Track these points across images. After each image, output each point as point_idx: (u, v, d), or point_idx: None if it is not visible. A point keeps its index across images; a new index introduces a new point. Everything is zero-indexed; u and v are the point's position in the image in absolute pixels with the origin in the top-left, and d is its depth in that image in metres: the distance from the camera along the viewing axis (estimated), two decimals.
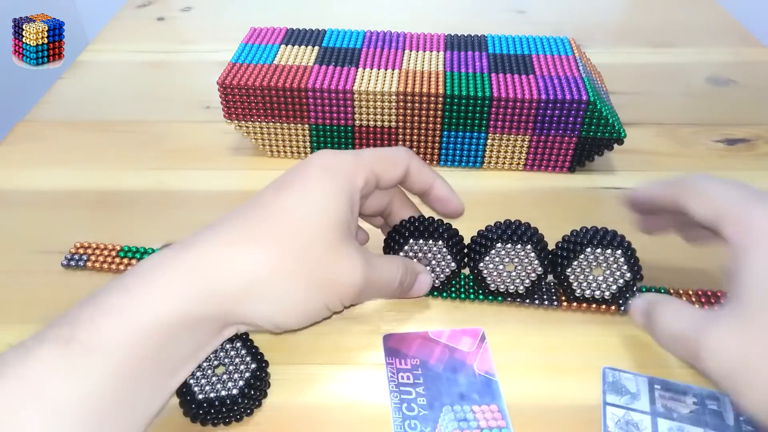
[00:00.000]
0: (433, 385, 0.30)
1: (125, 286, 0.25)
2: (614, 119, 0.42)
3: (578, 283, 0.33)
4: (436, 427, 0.29)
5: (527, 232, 0.32)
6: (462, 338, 0.33)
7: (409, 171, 0.31)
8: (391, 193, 0.33)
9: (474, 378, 0.31)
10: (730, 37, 0.63)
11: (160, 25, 0.66)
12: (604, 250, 0.31)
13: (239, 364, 0.29)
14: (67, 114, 0.51)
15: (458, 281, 0.35)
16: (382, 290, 0.31)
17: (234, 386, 0.28)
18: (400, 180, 0.32)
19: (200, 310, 0.25)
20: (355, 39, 0.47)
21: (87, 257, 0.36)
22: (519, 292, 0.33)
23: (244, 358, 0.29)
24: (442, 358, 0.32)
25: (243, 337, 0.30)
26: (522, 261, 0.32)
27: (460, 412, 0.29)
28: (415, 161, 0.32)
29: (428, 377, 0.31)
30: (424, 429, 0.29)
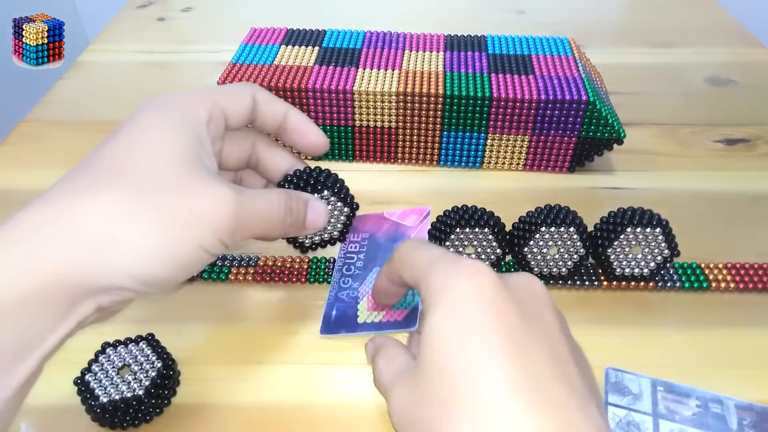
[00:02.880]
0: (373, 252, 0.35)
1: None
2: (614, 119, 0.42)
3: (618, 262, 0.34)
4: (363, 281, 0.34)
5: (569, 215, 0.33)
6: (409, 215, 0.36)
7: (257, 101, 0.28)
8: (251, 138, 0.30)
9: None
10: (730, 38, 0.63)
11: (160, 26, 0.66)
12: (644, 229, 0.33)
13: (144, 364, 0.29)
14: (67, 114, 0.51)
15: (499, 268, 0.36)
16: (267, 221, 0.26)
17: (139, 387, 0.28)
18: (249, 114, 0.28)
19: (23, 289, 0.20)
20: (355, 39, 0.47)
21: None
22: (561, 274, 0.35)
23: (149, 358, 0.29)
24: (388, 232, 0.35)
25: (148, 338, 0.30)
26: (565, 243, 0.33)
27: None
28: (262, 92, 0.29)
29: (371, 246, 0.35)
30: (353, 284, 0.34)
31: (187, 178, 0.24)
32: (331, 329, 0.32)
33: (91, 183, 0.23)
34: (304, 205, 0.29)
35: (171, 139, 0.24)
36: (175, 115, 0.25)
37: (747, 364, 0.32)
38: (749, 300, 0.35)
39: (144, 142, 0.24)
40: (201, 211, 0.23)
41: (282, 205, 0.27)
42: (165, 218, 0.23)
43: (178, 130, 0.25)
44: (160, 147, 0.24)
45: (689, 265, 0.36)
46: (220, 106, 0.27)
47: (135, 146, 0.24)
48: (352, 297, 0.33)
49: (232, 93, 0.28)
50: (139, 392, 0.28)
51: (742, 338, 0.33)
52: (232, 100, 0.27)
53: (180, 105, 0.26)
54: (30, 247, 0.21)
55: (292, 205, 0.28)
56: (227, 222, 0.24)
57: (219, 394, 0.30)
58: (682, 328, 0.34)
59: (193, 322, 0.34)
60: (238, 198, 0.24)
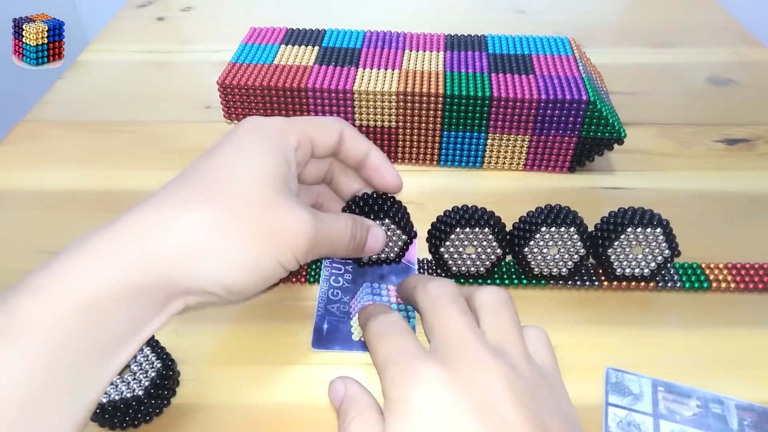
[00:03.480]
0: (361, 267, 0.35)
1: (49, 266, 0.23)
2: (614, 119, 0.42)
3: (619, 262, 0.34)
4: (354, 296, 0.34)
5: (569, 215, 0.33)
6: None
7: (343, 137, 0.31)
8: (328, 161, 0.33)
9: (396, 265, 0.36)
10: (731, 37, 0.63)
11: (160, 25, 0.66)
12: (645, 230, 0.32)
13: (143, 364, 0.29)
14: (67, 114, 0.51)
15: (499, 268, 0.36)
16: (335, 244, 0.29)
17: (139, 387, 0.28)
18: (335, 146, 0.31)
19: (134, 281, 0.23)
20: (355, 39, 0.47)
21: None
22: (562, 275, 0.35)
23: (149, 357, 0.29)
24: None
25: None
26: (566, 243, 0.33)
27: (376, 288, 0.34)
28: (349, 129, 0.31)
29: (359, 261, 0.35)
30: (343, 297, 0.34)
31: (275, 200, 0.26)
32: (323, 344, 0.32)
33: (194, 195, 0.25)
34: (366, 231, 0.31)
35: (265, 163, 0.27)
36: (270, 138, 0.28)
37: (747, 364, 0.32)
38: (750, 300, 0.35)
39: (241, 162, 0.27)
40: (284, 231, 0.26)
41: (348, 231, 0.30)
42: (253, 235, 0.25)
43: (271, 153, 0.27)
44: (254, 168, 0.26)
45: (690, 265, 0.36)
46: (309, 136, 0.29)
47: (233, 165, 0.26)
48: (344, 312, 0.33)
49: (322, 126, 0.30)
50: (139, 392, 0.28)
51: (743, 338, 0.33)
52: (321, 132, 0.30)
53: (275, 129, 0.28)
54: (141, 245, 0.23)
55: (356, 232, 0.30)
56: (304, 243, 0.27)
57: (219, 395, 0.30)
58: (683, 328, 0.34)
59: (192, 323, 0.34)
60: (315, 222, 0.27)
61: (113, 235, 0.24)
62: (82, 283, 0.22)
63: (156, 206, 0.25)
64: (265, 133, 0.28)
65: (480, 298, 0.27)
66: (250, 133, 0.28)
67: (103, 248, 0.23)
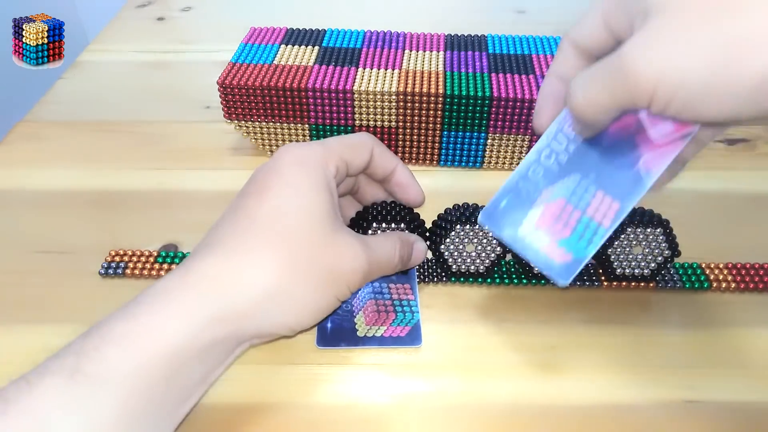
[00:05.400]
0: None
1: (132, 314, 0.24)
2: None
3: (619, 262, 0.34)
4: (356, 295, 0.34)
5: None
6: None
7: (373, 155, 0.32)
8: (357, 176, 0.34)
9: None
10: None
11: (160, 25, 0.66)
12: (645, 229, 0.32)
13: None
14: (66, 114, 0.51)
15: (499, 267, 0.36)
16: (384, 269, 0.30)
17: None
18: (366, 166, 0.32)
19: (211, 334, 0.25)
20: (355, 39, 0.47)
21: (125, 265, 0.36)
22: None
23: None
24: None
25: None
26: None
27: (377, 287, 0.34)
28: (378, 146, 0.32)
29: None
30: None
31: (331, 237, 0.27)
32: (328, 341, 0.32)
33: (258, 242, 0.26)
34: (411, 248, 0.32)
35: (317, 201, 0.27)
36: (315, 171, 0.28)
37: (747, 364, 0.32)
38: (749, 300, 0.35)
39: (295, 204, 0.27)
40: (344, 268, 0.27)
41: (397, 255, 0.31)
42: (318, 277, 0.27)
43: (320, 190, 0.28)
44: (308, 207, 0.27)
45: (690, 265, 0.36)
46: (345, 160, 0.30)
47: (288, 206, 0.27)
48: (347, 310, 0.34)
49: (356, 147, 0.31)
50: None
51: (743, 338, 0.33)
52: (355, 154, 0.31)
53: (316, 161, 0.29)
54: (217, 298, 0.25)
55: (403, 253, 0.31)
56: (360, 277, 0.28)
57: (218, 395, 0.30)
58: (683, 328, 0.33)
59: None
60: (368, 254, 0.28)
61: (189, 286, 0.25)
62: (166, 335, 0.23)
63: (224, 256, 0.26)
64: (309, 167, 0.28)
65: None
66: (295, 169, 0.28)
67: (181, 299, 0.24)
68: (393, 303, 0.34)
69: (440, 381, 0.31)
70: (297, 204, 0.27)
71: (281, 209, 0.27)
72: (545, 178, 0.27)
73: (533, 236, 0.27)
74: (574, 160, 0.27)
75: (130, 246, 0.38)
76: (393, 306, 0.34)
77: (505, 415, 0.29)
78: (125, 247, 0.38)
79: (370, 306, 0.34)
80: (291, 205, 0.27)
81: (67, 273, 0.36)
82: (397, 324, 0.33)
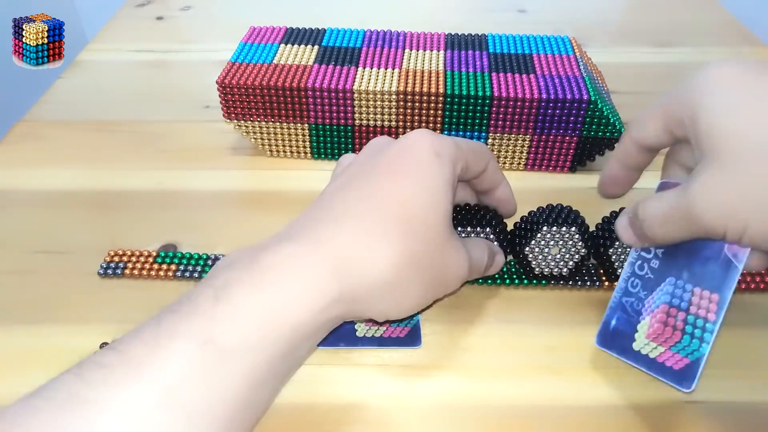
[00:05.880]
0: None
1: (263, 282, 0.24)
2: (615, 119, 0.42)
3: (620, 262, 0.34)
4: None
5: (570, 214, 0.33)
6: None
7: (487, 168, 0.31)
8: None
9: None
10: (732, 37, 0.63)
11: (159, 25, 0.66)
12: None
13: None
14: (65, 114, 0.51)
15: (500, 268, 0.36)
16: (475, 274, 0.31)
17: None
18: (481, 173, 0.31)
19: (330, 313, 0.24)
20: (354, 38, 0.47)
21: (124, 265, 0.36)
22: (563, 275, 0.34)
23: None
24: None
25: None
26: (567, 243, 0.33)
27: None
28: (494, 160, 0.32)
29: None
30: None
31: (449, 241, 0.27)
32: (328, 341, 0.32)
33: (389, 227, 0.26)
34: (494, 259, 0.32)
35: (444, 199, 0.27)
36: (448, 170, 0.28)
37: (748, 365, 0.32)
38: (750, 300, 0.35)
39: (427, 199, 0.27)
40: (451, 273, 0.28)
41: (485, 263, 0.31)
42: (430, 276, 0.27)
43: (448, 189, 0.28)
44: (438, 206, 0.27)
45: None
46: (468, 163, 0.30)
47: (421, 199, 0.27)
48: None
49: (477, 154, 0.30)
50: None
51: (742, 338, 0.33)
52: (477, 161, 0.30)
53: (451, 157, 0.28)
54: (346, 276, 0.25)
55: (490, 262, 0.32)
56: (460, 283, 0.29)
57: None
58: None
59: None
60: (470, 262, 0.29)
61: (320, 260, 0.25)
62: (295, 311, 0.24)
63: (353, 234, 0.26)
64: (444, 162, 0.28)
65: None
66: (433, 162, 0.27)
67: (314, 274, 0.24)
68: None
69: (440, 381, 0.31)
70: (428, 199, 0.27)
71: (413, 199, 0.27)
72: (644, 288, 0.29)
73: (648, 348, 0.29)
74: (665, 264, 0.29)
75: (129, 246, 0.38)
76: None
77: (505, 416, 0.29)
78: (124, 247, 0.37)
79: None
80: (423, 197, 0.27)
81: (65, 273, 0.36)
82: (396, 324, 0.33)
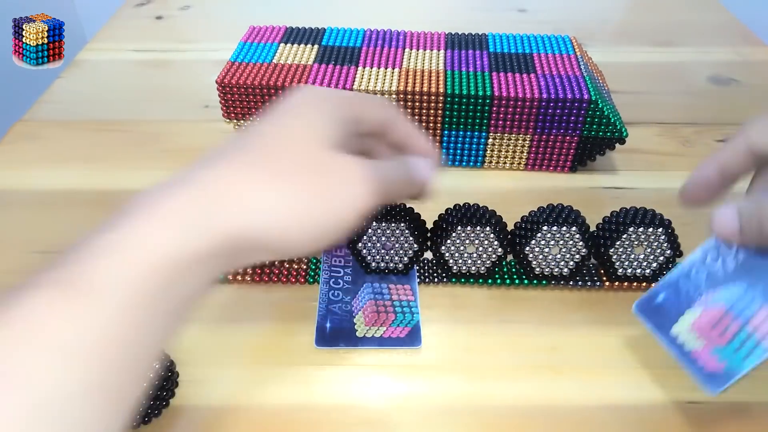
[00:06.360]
0: (360, 269, 0.35)
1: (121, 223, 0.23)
2: (616, 118, 0.42)
3: (620, 262, 0.34)
4: (355, 296, 0.34)
5: (571, 214, 0.33)
6: None
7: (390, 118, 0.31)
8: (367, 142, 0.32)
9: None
10: (732, 37, 0.63)
11: (158, 24, 0.65)
12: (647, 229, 0.32)
13: None
14: (65, 114, 0.51)
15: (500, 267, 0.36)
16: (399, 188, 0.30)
17: None
18: (381, 122, 0.31)
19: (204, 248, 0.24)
20: (354, 38, 0.47)
21: None
22: (563, 275, 0.34)
23: None
24: None
25: None
26: (567, 243, 0.33)
27: (377, 288, 0.35)
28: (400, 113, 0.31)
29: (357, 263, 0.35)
30: (344, 297, 0.34)
31: (334, 157, 0.27)
32: (327, 341, 0.32)
33: (257, 159, 0.26)
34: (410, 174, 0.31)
35: (323, 124, 0.28)
36: (328, 104, 0.29)
37: None
38: None
39: (300, 124, 0.27)
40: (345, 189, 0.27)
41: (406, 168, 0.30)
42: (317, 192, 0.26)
43: (331, 121, 0.28)
44: (313, 130, 0.27)
45: None
46: (356, 111, 0.30)
47: (293, 127, 0.27)
48: (346, 311, 0.33)
49: (373, 104, 0.31)
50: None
51: None
52: (372, 110, 0.30)
53: (332, 101, 0.29)
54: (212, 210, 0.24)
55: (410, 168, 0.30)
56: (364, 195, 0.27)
57: (218, 396, 0.30)
58: None
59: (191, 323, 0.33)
60: (376, 172, 0.28)
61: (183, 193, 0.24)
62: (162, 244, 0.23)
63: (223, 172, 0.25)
64: (322, 100, 0.29)
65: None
66: (307, 98, 0.29)
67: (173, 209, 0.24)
68: (393, 304, 0.34)
69: (440, 382, 0.31)
70: (301, 125, 0.27)
71: (288, 130, 0.27)
72: (708, 280, 0.27)
73: (687, 337, 0.27)
74: (743, 267, 0.26)
75: None
76: (393, 307, 0.33)
77: (506, 416, 0.29)
78: None
79: (370, 306, 0.33)
80: (295, 126, 0.27)
81: None
82: (396, 325, 0.33)
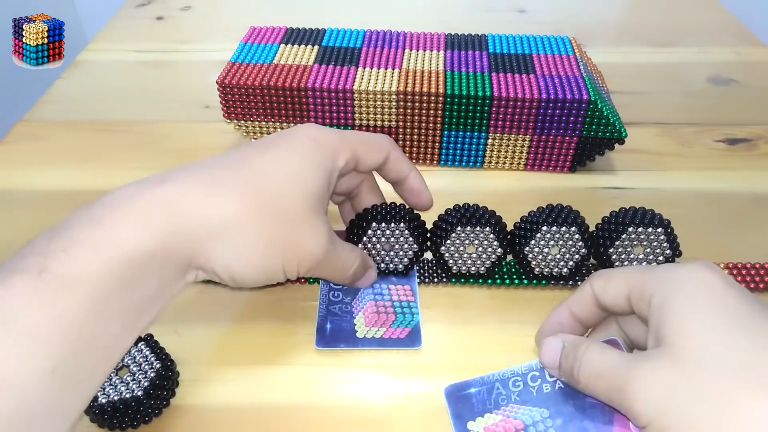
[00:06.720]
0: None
1: (97, 218, 0.25)
2: (615, 119, 0.42)
3: (620, 262, 0.34)
4: (356, 296, 0.34)
5: (571, 214, 0.33)
6: None
7: (389, 159, 0.33)
8: (362, 177, 0.34)
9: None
10: (731, 37, 0.63)
11: (159, 25, 0.66)
12: (646, 229, 0.32)
13: (142, 364, 0.29)
14: (65, 114, 0.51)
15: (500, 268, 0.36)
16: (336, 271, 0.31)
17: (138, 387, 0.28)
18: (378, 166, 0.33)
19: (169, 246, 0.25)
20: (354, 38, 0.47)
21: None
22: (563, 275, 0.34)
23: (148, 358, 0.29)
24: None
25: (147, 339, 0.30)
26: (567, 243, 0.33)
27: (377, 289, 0.35)
28: (396, 151, 0.33)
29: None
30: (344, 298, 0.34)
31: (306, 216, 0.28)
32: (328, 342, 0.32)
33: (236, 183, 0.27)
34: (365, 271, 0.33)
35: (311, 178, 0.28)
36: (323, 155, 0.29)
37: None
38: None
39: (291, 170, 0.28)
40: (302, 245, 0.28)
41: (354, 267, 0.32)
42: (276, 238, 0.27)
43: (319, 173, 0.29)
44: (300, 180, 0.28)
45: None
46: (357, 155, 0.31)
47: (283, 168, 0.28)
48: (346, 311, 0.33)
49: (371, 146, 0.32)
50: (138, 393, 0.28)
51: None
52: (369, 152, 0.32)
53: (330, 147, 0.30)
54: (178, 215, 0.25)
55: (358, 270, 0.32)
56: (312, 261, 0.29)
57: (218, 396, 0.30)
58: None
59: (192, 323, 0.33)
60: (330, 249, 0.29)
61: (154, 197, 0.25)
62: (128, 240, 0.24)
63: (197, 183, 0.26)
64: (321, 149, 0.29)
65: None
66: (307, 144, 0.29)
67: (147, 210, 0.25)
68: (393, 304, 0.34)
69: (440, 382, 0.31)
70: (291, 172, 0.28)
71: (272, 167, 0.28)
72: (520, 395, 0.28)
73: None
74: (553, 396, 0.28)
75: None
76: (393, 307, 0.33)
77: None
78: None
79: (370, 307, 0.33)
80: (283, 168, 0.28)
81: None
82: (396, 325, 0.33)
